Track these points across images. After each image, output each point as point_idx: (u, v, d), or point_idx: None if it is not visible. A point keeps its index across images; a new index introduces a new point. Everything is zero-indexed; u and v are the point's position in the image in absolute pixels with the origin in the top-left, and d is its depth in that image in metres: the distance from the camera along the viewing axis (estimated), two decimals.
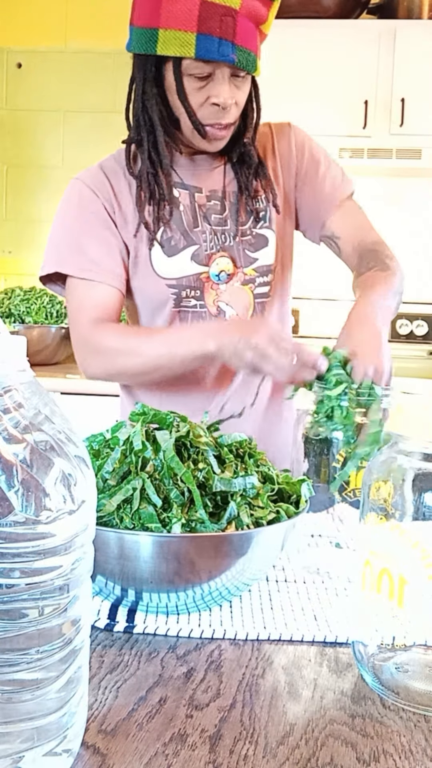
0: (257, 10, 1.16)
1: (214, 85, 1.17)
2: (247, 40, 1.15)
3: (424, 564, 0.58)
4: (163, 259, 1.28)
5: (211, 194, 1.33)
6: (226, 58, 1.14)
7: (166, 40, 1.15)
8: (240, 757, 0.51)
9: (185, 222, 1.30)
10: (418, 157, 2.76)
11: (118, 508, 0.72)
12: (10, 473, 0.42)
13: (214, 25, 1.12)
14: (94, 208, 1.28)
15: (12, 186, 3.22)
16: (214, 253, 1.31)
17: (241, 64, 1.16)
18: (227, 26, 1.13)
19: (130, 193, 1.30)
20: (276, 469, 0.86)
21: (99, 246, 1.27)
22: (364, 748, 0.53)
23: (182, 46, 1.14)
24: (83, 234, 1.28)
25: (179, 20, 1.13)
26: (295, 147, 1.39)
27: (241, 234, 1.33)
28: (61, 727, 0.47)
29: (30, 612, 0.44)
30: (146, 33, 1.19)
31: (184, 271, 1.29)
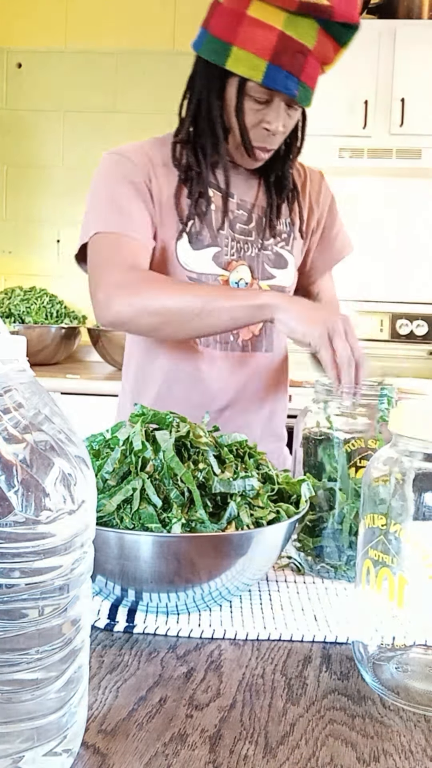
0: (327, 52, 1.21)
1: (270, 111, 1.23)
2: (310, 77, 1.21)
3: (424, 564, 0.58)
4: (189, 250, 1.31)
5: (241, 203, 1.36)
6: (288, 91, 1.20)
7: (238, 58, 1.19)
8: (240, 757, 0.51)
9: (214, 221, 1.32)
10: (418, 157, 2.76)
11: (118, 508, 0.72)
12: (10, 473, 0.42)
13: (287, 58, 1.17)
14: (134, 179, 1.28)
15: (12, 186, 3.22)
16: (233, 260, 1.33)
17: (300, 100, 1.22)
18: (297, 63, 1.18)
19: (167, 179, 1.31)
20: (276, 469, 0.86)
21: (137, 208, 1.27)
22: (364, 748, 0.53)
23: (252, 69, 1.18)
24: (123, 197, 1.27)
25: (256, 45, 1.17)
26: (323, 198, 1.46)
27: (263, 248, 1.36)
28: (61, 727, 0.47)
29: (30, 612, 0.44)
30: (220, 44, 1.21)
31: (205, 268, 1.31)
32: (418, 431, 0.59)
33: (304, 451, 0.94)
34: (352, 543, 0.86)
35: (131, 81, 3.13)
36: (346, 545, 0.86)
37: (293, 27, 1.16)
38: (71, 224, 3.17)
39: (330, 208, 1.48)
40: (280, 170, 1.36)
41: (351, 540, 0.86)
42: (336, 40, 1.20)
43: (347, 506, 0.86)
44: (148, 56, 3.11)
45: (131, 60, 3.12)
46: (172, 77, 3.10)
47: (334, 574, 0.87)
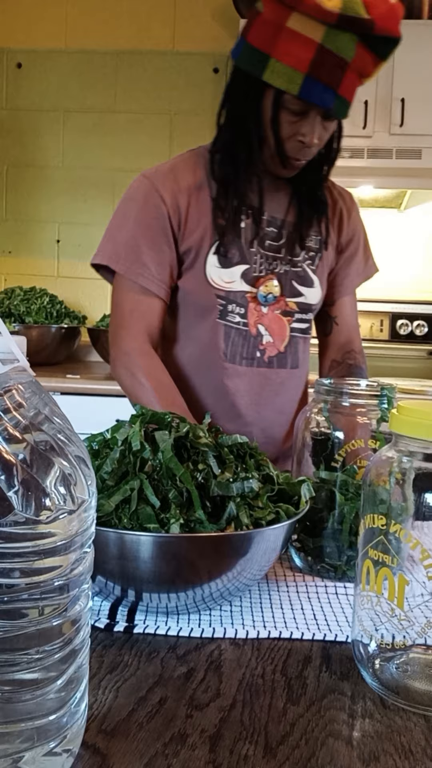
0: (366, 65, 1.19)
1: (305, 123, 1.22)
2: (348, 90, 1.20)
3: (424, 564, 0.58)
4: (217, 268, 1.31)
5: (271, 220, 1.36)
6: (325, 104, 1.19)
7: (275, 70, 1.18)
8: (240, 757, 0.51)
9: (244, 238, 1.33)
10: (418, 157, 2.76)
11: (116, 508, 0.72)
12: (10, 473, 0.42)
13: (324, 72, 1.16)
14: (157, 214, 1.30)
15: (12, 186, 3.22)
16: (263, 277, 1.34)
17: (336, 113, 1.21)
18: (335, 76, 1.17)
19: (198, 198, 1.32)
20: (277, 469, 0.86)
21: (154, 253, 1.30)
22: (364, 748, 0.53)
23: (289, 81, 1.18)
24: (141, 237, 1.30)
25: (293, 57, 1.16)
26: (353, 218, 1.47)
27: (292, 265, 1.37)
28: (61, 727, 0.47)
29: (30, 612, 0.44)
30: (257, 55, 1.20)
31: (233, 286, 1.33)
32: (418, 431, 0.59)
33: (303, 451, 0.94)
34: (352, 543, 0.86)
35: (131, 81, 3.13)
36: (346, 545, 0.86)
37: (332, 40, 1.15)
38: (71, 224, 3.17)
39: (360, 228, 1.49)
40: (313, 183, 1.36)
41: (351, 540, 0.86)
42: (376, 53, 1.19)
43: (347, 506, 0.86)
44: (148, 56, 3.11)
45: (131, 60, 3.12)
46: (172, 77, 3.11)
47: (334, 574, 0.87)
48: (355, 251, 1.48)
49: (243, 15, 2.77)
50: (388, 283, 3.14)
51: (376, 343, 3.12)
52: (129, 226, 1.31)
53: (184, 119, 3.11)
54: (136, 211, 1.31)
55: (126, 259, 1.30)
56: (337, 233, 1.45)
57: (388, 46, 1.19)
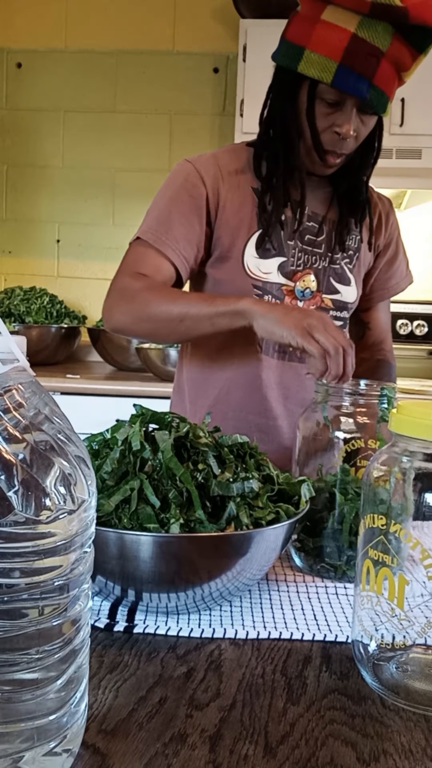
0: (402, 57, 1.18)
1: (341, 114, 1.22)
2: (384, 82, 1.19)
3: (424, 564, 0.58)
4: (255, 258, 1.31)
5: (312, 215, 1.36)
6: (359, 93, 1.18)
7: (309, 60, 1.19)
8: (240, 757, 0.51)
9: (283, 231, 1.33)
10: (418, 157, 2.76)
11: (116, 508, 0.72)
12: (10, 473, 0.42)
13: (358, 60, 1.16)
14: (195, 193, 1.30)
15: (12, 186, 3.22)
16: (300, 271, 1.34)
17: (372, 103, 1.20)
18: (369, 65, 1.16)
19: (239, 187, 1.32)
20: (277, 469, 0.86)
21: (185, 229, 1.29)
22: (364, 748, 0.53)
23: (322, 70, 1.18)
24: (175, 211, 1.30)
25: (327, 46, 1.17)
26: (391, 224, 1.48)
27: (330, 261, 1.37)
28: (61, 727, 0.47)
29: (30, 612, 0.44)
30: (293, 48, 1.21)
31: (270, 277, 1.32)
32: (418, 431, 0.59)
33: (304, 451, 0.94)
34: (352, 543, 0.86)
35: (131, 81, 3.13)
36: (346, 545, 0.86)
37: (366, 29, 1.15)
38: (71, 224, 3.17)
39: (397, 235, 1.49)
40: (354, 182, 1.36)
41: (351, 540, 0.86)
42: (413, 45, 1.18)
43: (347, 506, 0.86)
44: (148, 56, 3.11)
45: (131, 60, 3.12)
46: (172, 77, 3.11)
47: (334, 574, 0.87)
48: (394, 257, 1.49)
49: (243, 15, 2.76)
50: None
51: None
52: (164, 204, 1.31)
53: (184, 119, 3.11)
54: (174, 189, 1.32)
55: (156, 230, 1.29)
56: (375, 236, 1.45)
57: (425, 36, 1.18)
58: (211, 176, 1.31)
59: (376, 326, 1.52)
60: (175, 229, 1.29)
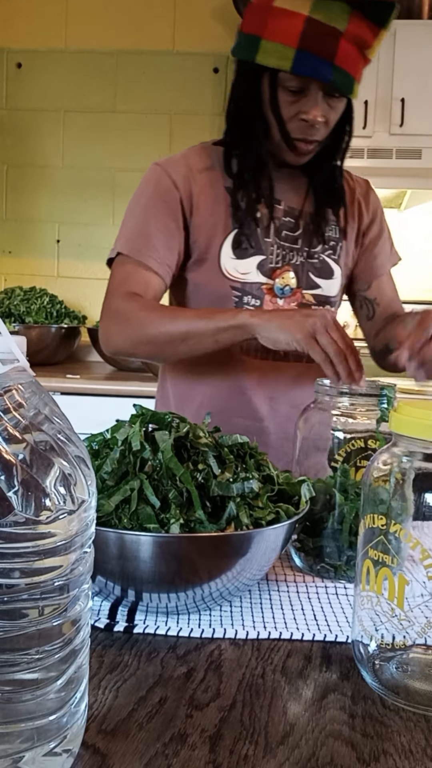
0: (363, 35, 1.15)
1: (307, 101, 1.19)
2: (347, 62, 1.16)
3: (424, 564, 0.58)
4: (232, 259, 1.30)
5: (288, 210, 1.34)
6: (321, 76, 1.15)
7: (266, 50, 1.16)
8: (240, 757, 0.51)
9: (259, 229, 1.31)
10: (418, 157, 2.76)
11: (116, 508, 0.72)
12: (10, 473, 0.42)
13: (315, 43, 1.13)
14: (168, 198, 1.29)
15: (12, 186, 3.21)
16: (279, 268, 1.32)
17: (336, 85, 1.17)
18: (329, 46, 1.13)
19: (211, 187, 1.30)
20: (277, 469, 0.86)
21: (164, 237, 1.28)
22: (364, 748, 0.53)
23: (281, 58, 1.15)
24: (152, 220, 1.28)
25: (283, 34, 1.14)
26: (372, 205, 1.44)
27: (309, 256, 1.34)
28: (61, 727, 0.47)
29: (30, 612, 0.44)
30: (250, 40, 1.19)
31: (249, 277, 1.30)
32: (418, 431, 0.59)
33: (304, 451, 0.94)
34: (352, 543, 0.86)
35: (131, 81, 3.13)
36: (346, 545, 0.86)
37: (321, 11, 1.13)
38: (71, 224, 3.17)
39: (379, 215, 1.46)
40: (329, 171, 1.33)
41: (351, 540, 0.86)
42: (373, 21, 1.15)
43: (347, 506, 0.86)
44: (148, 56, 3.11)
45: (131, 60, 3.12)
46: (172, 77, 3.11)
47: (334, 574, 0.87)
48: (380, 233, 1.45)
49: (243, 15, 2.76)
50: None
51: None
52: (139, 212, 1.30)
53: (184, 119, 3.11)
54: (147, 196, 1.30)
55: (136, 242, 1.28)
56: (357, 221, 1.42)
57: (384, 11, 1.16)
58: (182, 178, 1.29)
59: (383, 300, 1.47)
60: (154, 239, 1.27)
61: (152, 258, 1.27)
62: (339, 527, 0.86)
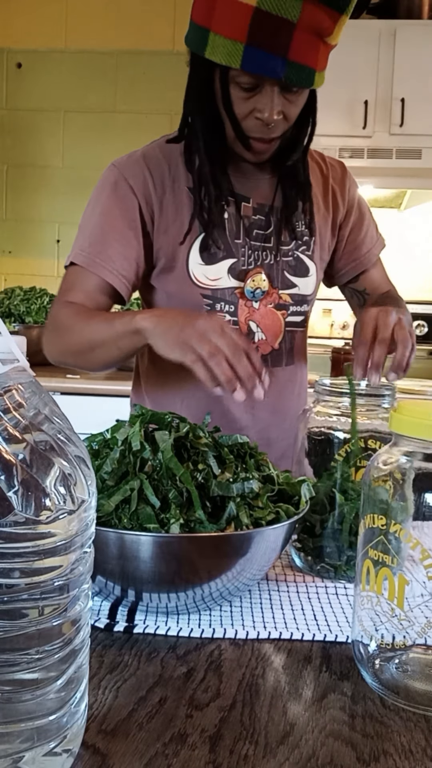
0: (320, 22, 1.05)
1: (261, 98, 1.10)
2: (303, 54, 1.06)
3: (424, 564, 0.58)
4: (201, 265, 1.23)
5: (258, 207, 1.26)
6: (273, 73, 1.06)
7: (215, 45, 1.07)
8: (240, 757, 0.51)
9: (228, 232, 1.24)
10: (418, 157, 2.76)
11: (116, 508, 0.72)
12: (10, 473, 0.42)
13: (266, 38, 1.03)
14: (126, 205, 1.22)
15: (12, 186, 3.22)
16: (251, 270, 1.25)
17: (291, 80, 1.07)
18: (280, 40, 1.03)
19: (175, 187, 1.23)
20: (277, 469, 0.86)
21: (119, 245, 1.21)
22: (364, 748, 0.53)
23: (229, 55, 1.06)
24: (109, 228, 1.22)
25: (230, 27, 1.04)
26: (348, 190, 1.36)
27: (283, 254, 1.28)
28: (61, 727, 0.47)
29: (30, 612, 0.44)
30: (199, 32, 1.09)
31: (220, 283, 1.24)
32: (418, 431, 0.59)
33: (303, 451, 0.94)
34: (352, 543, 0.86)
35: (131, 81, 3.13)
36: (346, 545, 0.86)
37: (270, 1, 1.01)
38: (71, 224, 3.17)
39: (357, 201, 1.37)
40: (293, 164, 1.24)
41: (351, 540, 0.86)
42: (331, 6, 1.04)
43: (347, 506, 0.86)
44: (148, 56, 3.12)
45: (131, 60, 3.12)
46: (172, 77, 3.11)
47: (334, 574, 0.87)
48: (360, 220, 1.37)
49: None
50: None
51: None
52: (95, 219, 1.23)
53: None
54: (103, 203, 1.24)
55: (90, 251, 1.21)
56: (332, 211, 1.34)
57: None
58: (140, 183, 1.22)
59: (373, 289, 1.39)
60: (110, 248, 1.20)
61: (104, 268, 1.20)
62: (339, 527, 0.86)
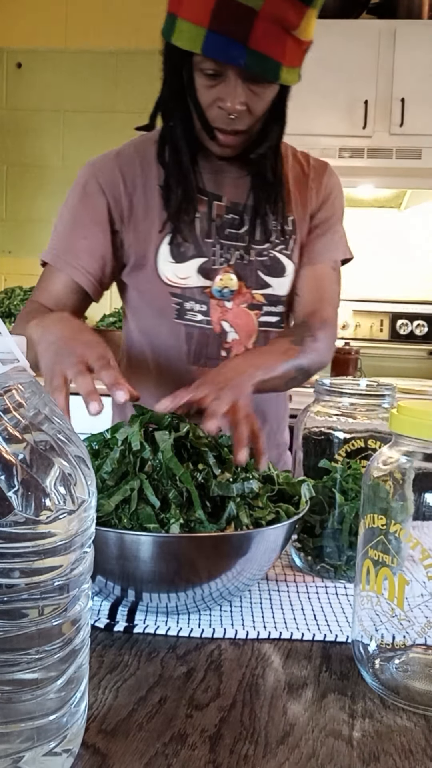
0: (285, 13, 1.04)
1: (225, 87, 1.09)
2: (265, 44, 1.05)
3: (424, 564, 0.58)
4: (171, 263, 1.22)
5: (231, 206, 1.24)
6: (233, 61, 1.05)
7: (181, 30, 1.08)
8: (240, 757, 0.51)
9: (198, 230, 1.22)
10: (418, 157, 2.76)
11: (116, 508, 0.72)
12: (10, 473, 0.42)
13: (226, 23, 1.04)
14: (94, 203, 1.22)
15: (12, 186, 3.22)
16: (220, 269, 1.23)
17: (253, 70, 1.06)
18: (240, 27, 1.03)
19: (147, 184, 1.22)
20: (277, 469, 0.86)
21: (86, 241, 1.21)
22: (364, 748, 0.53)
23: (192, 40, 1.07)
24: (77, 225, 1.22)
25: (194, 12, 1.06)
26: (324, 191, 1.32)
27: (257, 254, 1.25)
28: (61, 727, 0.47)
29: (30, 612, 0.44)
30: (169, 18, 1.12)
31: (189, 282, 1.22)
32: (418, 431, 0.59)
33: (303, 451, 0.94)
34: (352, 543, 0.86)
35: (131, 81, 3.13)
36: (346, 545, 0.86)
37: None
38: None
39: (332, 201, 1.33)
40: (257, 158, 1.21)
41: (351, 540, 0.86)
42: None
43: (347, 506, 0.86)
44: (148, 56, 3.11)
45: (131, 60, 3.12)
46: None
47: (334, 574, 0.87)
48: (327, 218, 1.32)
49: None
50: (388, 283, 3.14)
51: (376, 343, 3.12)
52: (67, 217, 1.24)
53: None
54: (74, 202, 1.24)
55: (58, 249, 1.21)
56: (309, 208, 1.30)
57: None
58: (110, 182, 1.22)
59: (302, 293, 1.29)
60: (77, 244, 1.20)
61: (69, 264, 1.20)
62: (339, 527, 0.86)
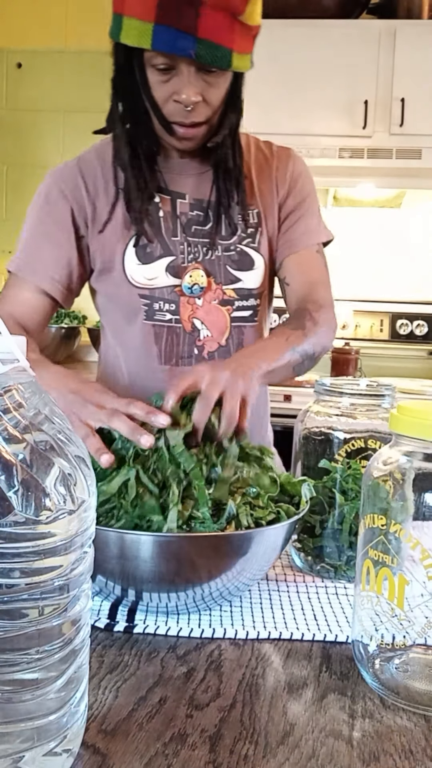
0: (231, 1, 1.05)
1: (178, 80, 1.09)
2: (213, 32, 1.05)
3: (424, 564, 0.58)
4: (137, 265, 1.21)
5: (195, 203, 1.24)
6: (184, 52, 1.05)
7: (128, 28, 1.07)
8: (240, 757, 0.51)
9: (164, 229, 1.22)
10: (418, 157, 2.76)
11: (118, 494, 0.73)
12: (10, 473, 0.42)
13: (172, 15, 1.03)
14: (57, 210, 1.23)
15: (12, 186, 3.22)
16: (188, 266, 1.23)
17: (204, 59, 1.06)
18: (186, 17, 1.03)
19: (107, 190, 1.23)
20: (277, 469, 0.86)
21: (51, 248, 1.22)
22: (364, 748, 0.53)
23: (140, 35, 1.06)
24: (41, 234, 1.24)
25: (139, 9, 1.05)
26: (290, 177, 1.30)
27: (224, 249, 1.24)
28: (61, 727, 0.47)
29: (30, 612, 0.44)
30: (115, 19, 1.10)
31: (158, 282, 1.22)
32: (418, 431, 0.59)
33: (303, 451, 0.94)
34: (352, 543, 0.86)
35: None
36: (346, 545, 0.86)
37: None
38: None
39: (299, 186, 1.30)
40: (215, 147, 1.20)
41: (351, 540, 0.86)
42: None
43: (347, 506, 0.86)
44: None
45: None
46: None
47: (334, 574, 0.87)
48: (298, 205, 1.29)
49: None
50: (388, 283, 3.14)
51: (376, 343, 3.12)
52: (30, 226, 1.25)
53: None
54: (37, 211, 1.25)
55: (24, 258, 1.23)
56: (276, 196, 1.29)
57: None
58: (71, 188, 1.23)
59: (293, 280, 1.29)
60: (42, 251, 1.21)
61: (35, 273, 1.21)
62: (339, 527, 0.86)
